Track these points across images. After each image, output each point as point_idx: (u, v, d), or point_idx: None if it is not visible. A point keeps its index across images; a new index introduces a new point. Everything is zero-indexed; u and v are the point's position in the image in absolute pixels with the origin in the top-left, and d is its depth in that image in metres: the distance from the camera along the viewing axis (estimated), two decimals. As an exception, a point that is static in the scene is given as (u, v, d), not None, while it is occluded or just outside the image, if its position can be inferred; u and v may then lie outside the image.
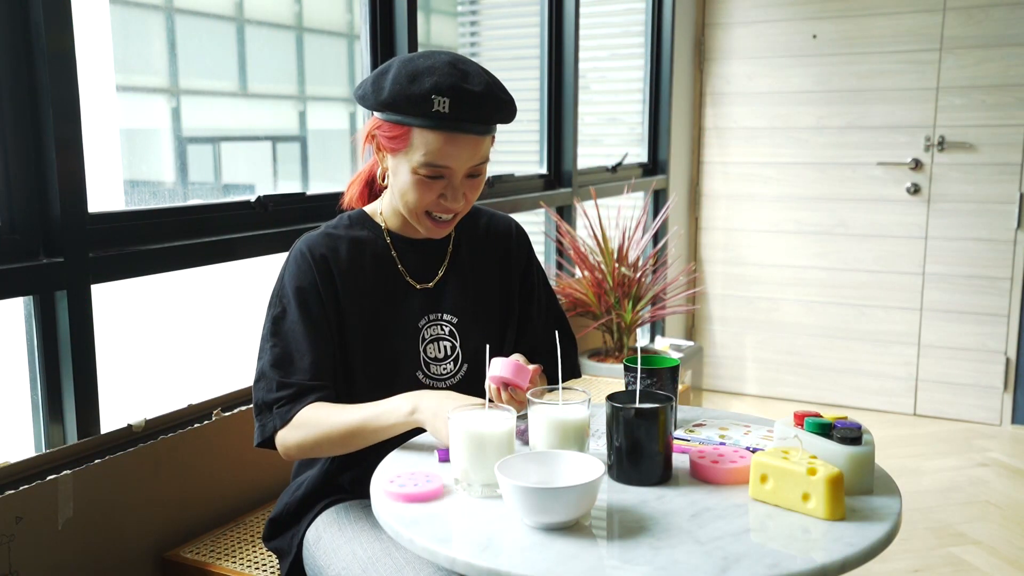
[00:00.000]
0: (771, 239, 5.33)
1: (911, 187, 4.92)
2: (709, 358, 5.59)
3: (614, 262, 3.98)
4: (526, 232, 2.10)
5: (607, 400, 1.54)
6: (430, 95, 1.68)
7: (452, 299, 1.92)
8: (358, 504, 1.88)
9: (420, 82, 1.70)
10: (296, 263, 1.84)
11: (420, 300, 1.90)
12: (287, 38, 3.09)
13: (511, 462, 1.43)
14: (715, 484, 1.53)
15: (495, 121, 1.77)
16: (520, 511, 1.36)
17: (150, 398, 2.54)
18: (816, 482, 1.37)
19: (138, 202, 2.47)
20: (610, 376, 3.88)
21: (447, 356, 1.90)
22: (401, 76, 1.72)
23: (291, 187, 2.99)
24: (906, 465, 4.32)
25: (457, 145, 1.73)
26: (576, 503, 1.34)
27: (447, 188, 1.78)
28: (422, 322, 1.89)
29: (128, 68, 2.50)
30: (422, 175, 1.76)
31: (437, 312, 1.91)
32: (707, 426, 1.80)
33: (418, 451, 1.71)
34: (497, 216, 2.07)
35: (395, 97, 1.71)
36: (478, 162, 1.78)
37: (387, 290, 1.88)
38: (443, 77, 1.69)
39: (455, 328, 1.91)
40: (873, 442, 1.51)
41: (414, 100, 1.69)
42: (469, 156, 1.75)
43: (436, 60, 1.73)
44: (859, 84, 4.99)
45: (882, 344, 5.13)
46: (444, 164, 1.74)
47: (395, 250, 1.91)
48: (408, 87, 1.70)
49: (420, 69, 1.72)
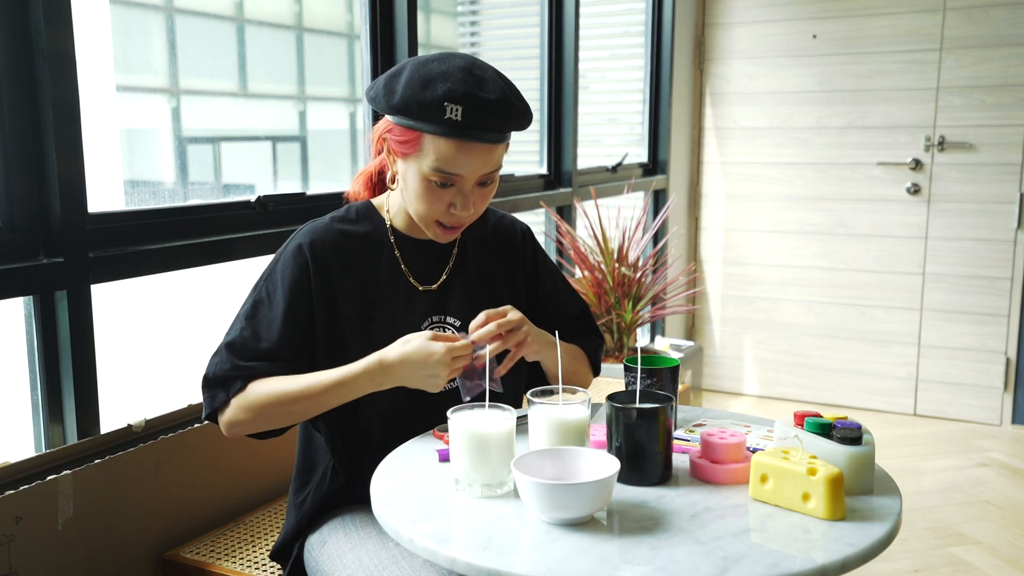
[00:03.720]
0: (771, 239, 5.34)
1: (911, 187, 4.92)
2: (709, 358, 5.60)
3: (614, 262, 3.99)
4: (532, 232, 2.07)
5: (607, 400, 1.54)
6: (443, 102, 1.64)
7: (457, 301, 1.90)
8: (364, 510, 1.86)
9: (433, 88, 1.66)
10: (295, 259, 1.80)
11: (423, 302, 1.87)
12: (287, 38, 3.09)
13: (527, 459, 1.44)
14: (715, 484, 1.53)
15: (510, 129, 1.73)
16: (537, 507, 1.36)
17: (150, 398, 2.54)
18: (816, 482, 1.37)
19: (138, 202, 2.47)
20: (610, 376, 3.89)
21: None
22: (414, 80, 1.68)
23: (291, 187, 2.99)
24: (906, 465, 4.32)
25: (469, 153, 1.69)
26: (593, 498, 1.35)
27: (457, 196, 1.74)
28: (425, 324, 1.86)
29: (128, 68, 2.50)
30: (432, 182, 1.72)
31: (441, 314, 1.88)
32: (707, 426, 1.80)
33: (417, 456, 1.71)
34: (505, 218, 2.05)
35: (407, 102, 1.67)
36: (490, 170, 1.75)
37: (389, 291, 1.85)
38: (457, 83, 1.65)
39: (457, 331, 1.88)
40: (873, 442, 1.51)
41: (426, 106, 1.65)
42: (481, 164, 1.72)
43: (450, 65, 1.69)
44: (859, 84, 4.99)
45: (882, 344, 5.13)
46: (455, 172, 1.70)
47: (399, 249, 1.88)
48: (420, 92, 1.66)
49: (433, 74, 1.67)
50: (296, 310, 1.78)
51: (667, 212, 4.80)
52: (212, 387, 1.76)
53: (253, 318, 1.79)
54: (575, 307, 2.10)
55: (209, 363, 1.79)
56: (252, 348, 1.76)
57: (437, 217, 1.78)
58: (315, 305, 1.79)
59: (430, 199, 1.75)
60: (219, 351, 1.78)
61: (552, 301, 2.06)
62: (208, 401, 1.77)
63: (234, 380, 1.74)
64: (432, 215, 1.77)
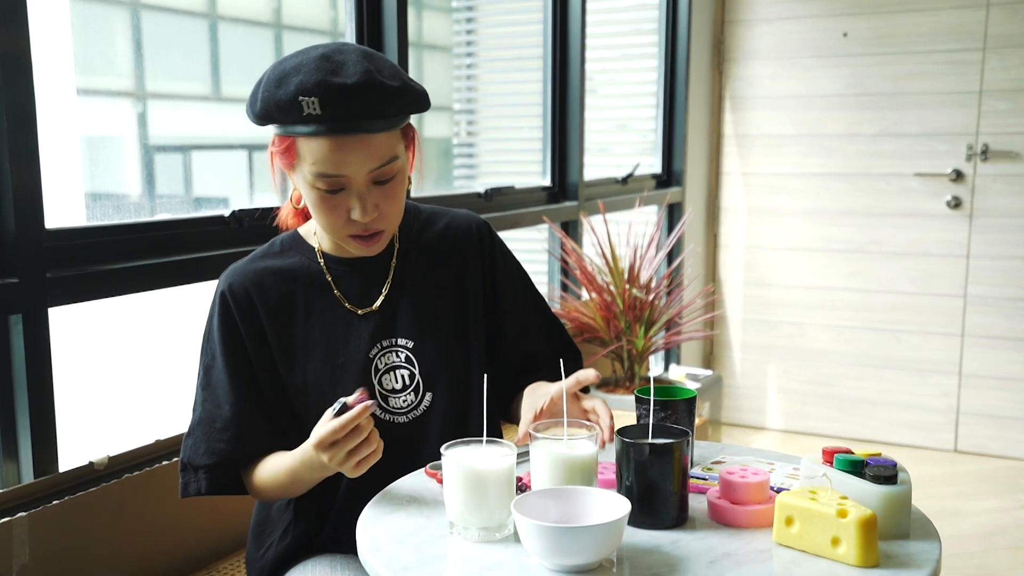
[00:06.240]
0: (797, 257, 5.35)
1: (951, 200, 4.93)
2: (729, 389, 5.60)
3: (624, 283, 3.99)
4: (491, 228, 2.02)
5: (617, 435, 1.54)
6: (297, 97, 1.63)
7: (405, 321, 1.87)
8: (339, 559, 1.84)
9: (286, 84, 1.64)
10: (220, 309, 1.82)
11: (367, 327, 1.85)
12: (265, 36, 3.10)
13: (528, 499, 1.44)
14: (736, 527, 1.53)
15: (383, 114, 1.67)
16: (540, 553, 1.37)
17: (114, 433, 2.54)
18: (847, 525, 1.37)
19: (100, 217, 2.48)
20: (620, 409, 3.88)
21: (406, 386, 1.85)
22: (270, 81, 1.68)
23: (269, 201, 3.00)
24: (946, 506, 4.32)
25: (344, 149, 1.66)
26: (602, 543, 1.35)
27: (352, 200, 1.71)
28: (373, 351, 1.84)
29: (90, 69, 2.51)
30: (321, 190, 1.70)
31: (389, 338, 1.86)
32: (726, 464, 1.81)
33: (408, 497, 1.71)
34: (458, 217, 2.00)
35: (266, 106, 1.67)
36: (378, 164, 1.70)
37: (325, 321, 1.84)
38: (308, 74, 1.63)
39: (412, 353, 1.86)
40: (910, 481, 1.51)
41: (283, 106, 1.64)
42: (364, 159, 1.68)
43: (307, 56, 1.68)
44: (894, 87, 5.01)
45: (920, 373, 5.13)
46: (337, 173, 1.68)
47: (330, 274, 1.86)
48: (275, 92, 1.65)
49: (287, 69, 1.66)
50: (237, 364, 1.82)
51: (683, 228, 4.82)
52: (186, 473, 1.83)
53: (208, 386, 1.83)
54: (541, 320, 2.07)
55: (183, 445, 1.85)
56: (218, 418, 1.81)
57: (341, 229, 1.75)
58: (252, 352, 1.82)
59: (326, 210, 1.73)
60: (191, 431, 1.84)
61: (511, 315, 2.01)
62: (182, 488, 1.84)
63: (205, 467, 1.81)
64: (336, 227, 1.75)
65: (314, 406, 1.80)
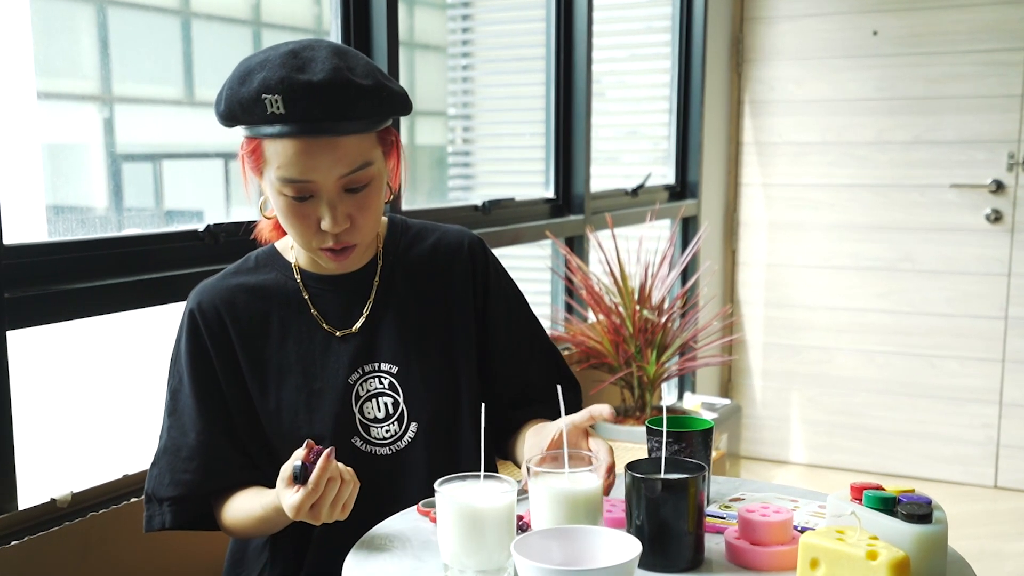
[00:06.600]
0: (823, 276, 5.35)
1: (991, 214, 4.94)
2: (749, 419, 5.60)
3: (634, 304, 4.00)
4: (484, 245, 2.01)
5: (627, 469, 1.55)
6: (260, 95, 1.64)
7: (387, 344, 1.87)
8: None
9: (250, 81, 1.66)
10: (188, 328, 1.84)
11: (347, 351, 1.85)
12: (242, 35, 3.11)
13: (529, 540, 1.44)
14: (756, 570, 1.54)
15: (353, 115, 1.67)
16: None
17: (78, 467, 2.54)
18: (878, 568, 1.38)
19: (63, 232, 2.48)
20: (630, 441, 3.89)
21: (389, 416, 1.86)
22: (234, 78, 1.69)
23: (246, 214, 3.01)
24: (985, 547, 4.31)
25: (311, 152, 1.66)
26: None
27: (322, 208, 1.71)
28: (353, 377, 1.85)
29: (51, 71, 2.52)
30: (288, 196, 1.70)
31: (372, 362, 1.86)
32: (746, 501, 1.81)
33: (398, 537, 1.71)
34: (449, 232, 2.00)
35: (229, 104, 1.68)
36: (349, 170, 1.70)
37: (301, 343, 1.85)
38: (273, 71, 1.64)
39: (396, 380, 1.86)
40: (946, 520, 1.52)
41: (246, 105, 1.66)
42: (332, 163, 1.68)
43: (275, 51, 1.69)
44: (929, 90, 5.03)
45: (957, 403, 5.13)
46: (304, 178, 1.68)
47: (307, 292, 1.87)
48: (239, 90, 1.67)
49: (252, 66, 1.68)
50: (206, 389, 1.83)
51: (698, 244, 4.82)
52: (150, 505, 1.85)
53: (174, 412, 1.85)
54: (536, 347, 2.05)
55: (148, 475, 1.86)
56: (184, 446, 1.82)
57: (311, 240, 1.75)
58: (222, 376, 1.83)
59: (294, 219, 1.73)
60: (156, 460, 1.85)
61: (503, 341, 2.00)
62: (146, 521, 1.86)
63: (170, 500, 1.83)
64: (306, 238, 1.76)
65: (288, 435, 1.81)
